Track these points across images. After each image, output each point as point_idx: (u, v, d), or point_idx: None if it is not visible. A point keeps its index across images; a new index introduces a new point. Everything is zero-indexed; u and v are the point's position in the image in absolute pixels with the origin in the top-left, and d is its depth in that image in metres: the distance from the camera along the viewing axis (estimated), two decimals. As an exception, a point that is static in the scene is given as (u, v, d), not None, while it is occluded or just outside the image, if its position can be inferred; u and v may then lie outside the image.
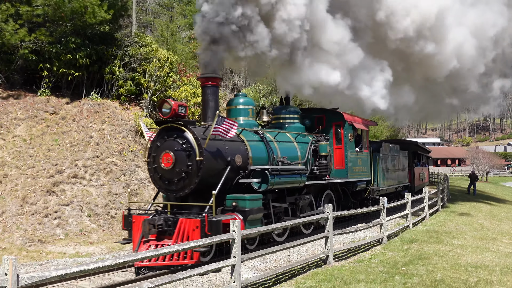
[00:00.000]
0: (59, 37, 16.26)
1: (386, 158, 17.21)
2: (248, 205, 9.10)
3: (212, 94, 10.46)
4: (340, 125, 14.12)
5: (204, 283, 7.49)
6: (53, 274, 4.42)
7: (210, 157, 9.23)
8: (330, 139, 14.04)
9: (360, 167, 14.60)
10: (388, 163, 17.52)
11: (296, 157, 12.00)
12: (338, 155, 13.92)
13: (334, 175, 13.49)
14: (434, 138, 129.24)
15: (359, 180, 14.52)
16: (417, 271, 8.53)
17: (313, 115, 14.61)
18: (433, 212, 18.07)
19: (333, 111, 14.45)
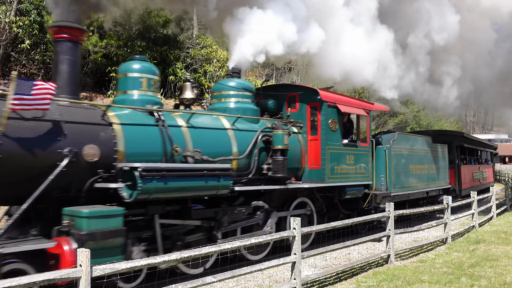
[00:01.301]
0: (126, 41, 17.06)
1: (403, 153, 13.15)
2: (85, 226, 5.66)
3: (66, 52, 7.03)
4: (317, 107, 10.37)
5: (264, 279, 7.64)
6: (123, 266, 4.71)
7: (16, 147, 5.83)
8: (304, 127, 10.44)
9: (351, 166, 10.87)
10: (409, 160, 13.47)
11: (228, 152, 8.40)
12: (313, 149, 10.27)
13: (307, 177, 10.16)
14: (501, 135, 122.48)
15: (347, 184, 10.61)
16: (484, 273, 8.24)
17: (283, 93, 10.77)
18: (501, 212, 17.28)
19: (307, 88, 10.88)
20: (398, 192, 12.63)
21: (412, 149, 13.83)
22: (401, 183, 12.79)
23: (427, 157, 14.84)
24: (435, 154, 15.47)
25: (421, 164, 14.29)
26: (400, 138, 13.28)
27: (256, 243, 6.23)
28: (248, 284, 7.36)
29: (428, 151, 14.92)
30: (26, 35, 15.54)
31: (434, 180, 15.29)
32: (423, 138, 14.97)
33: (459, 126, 51.93)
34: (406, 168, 13.23)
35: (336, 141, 10.53)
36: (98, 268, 4.43)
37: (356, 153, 11.16)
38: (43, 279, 3.99)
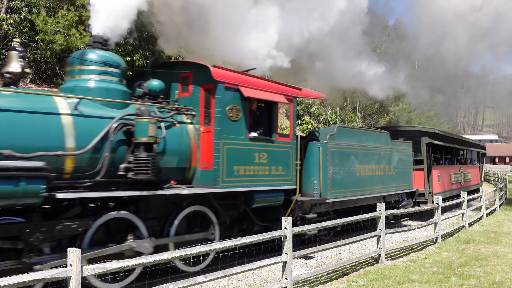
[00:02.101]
0: (117, 39, 16.97)
1: (346, 151, 10.81)
2: None
3: None
4: (211, 90, 8.12)
5: (256, 279, 7.65)
6: (114, 265, 4.70)
7: None
8: (197, 116, 8.23)
9: (263, 166, 8.63)
10: (356, 159, 11.13)
11: (56, 145, 6.21)
12: (205, 144, 8.01)
13: (199, 180, 8.02)
14: (491, 135, 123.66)
15: (255, 189, 8.48)
16: (474, 272, 8.31)
17: (175, 72, 8.75)
18: (490, 212, 17.44)
19: (200, 65, 8.29)
20: (338, 197, 10.35)
21: (361, 146, 11.39)
22: (342, 187, 10.51)
23: (384, 156, 12.40)
24: (396, 152, 13.06)
25: (374, 164, 11.92)
26: (342, 133, 10.83)
27: (247, 242, 6.23)
28: (239, 283, 7.37)
29: (385, 149, 12.51)
30: (16, 32, 15.42)
31: (393, 183, 12.79)
32: (377, 134, 12.57)
33: (450, 126, 52.47)
34: (350, 168, 10.85)
35: (238, 133, 8.18)
36: (88, 267, 4.41)
37: (270, 150, 8.81)
38: (33, 278, 3.96)
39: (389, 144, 12.79)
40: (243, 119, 8.36)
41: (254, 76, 9.23)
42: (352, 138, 11.23)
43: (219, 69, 8.16)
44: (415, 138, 15.65)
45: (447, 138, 19.19)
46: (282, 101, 9.18)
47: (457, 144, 20.80)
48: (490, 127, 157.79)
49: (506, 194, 23.81)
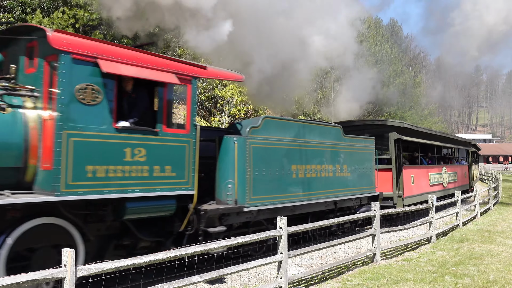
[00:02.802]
0: (112, 38, 16.92)
1: (275, 147, 8.95)
2: None
3: None
4: (54, 63, 6.17)
5: (251, 278, 7.65)
6: (109, 266, 4.68)
7: None
8: (40, 96, 6.33)
9: (141, 166, 6.70)
10: (291, 158, 9.35)
11: None
12: (47, 135, 6.14)
13: (40, 183, 6.13)
14: (485, 135, 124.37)
15: (126, 196, 6.55)
16: (468, 271, 8.35)
17: (20, 40, 6.70)
18: (484, 211, 17.52)
19: (40, 31, 6.29)
20: (264, 205, 8.54)
21: (299, 142, 9.56)
22: (271, 192, 8.73)
23: (334, 155, 10.67)
24: (352, 150, 11.37)
25: (319, 163, 10.17)
26: (271, 126, 8.86)
27: (243, 242, 6.23)
28: (235, 283, 7.37)
29: (335, 145, 10.72)
30: (10, 32, 15.33)
31: (348, 186, 11.16)
32: (324, 128, 10.69)
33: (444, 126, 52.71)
34: (283, 169, 9.07)
35: (96, 122, 6.23)
36: (83, 268, 4.39)
37: (152, 145, 6.88)
38: (27, 279, 3.94)
39: (342, 140, 11.01)
40: (105, 103, 6.32)
41: (131, 48, 7.15)
42: (286, 132, 9.27)
43: (65, 34, 6.19)
44: (383, 134, 14.38)
45: (423, 134, 17.24)
46: (172, 81, 7.12)
47: (438, 141, 18.70)
48: (484, 126, 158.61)
49: (500, 193, 23.95)
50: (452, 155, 22.03)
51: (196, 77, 7.65)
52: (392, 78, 39.36)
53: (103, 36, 16.70)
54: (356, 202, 11.82)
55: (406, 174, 14.73)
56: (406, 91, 41.14)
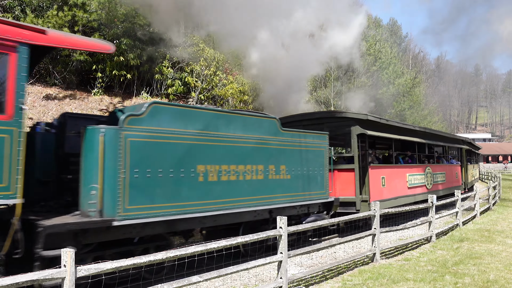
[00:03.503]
0: (111, 39, 16.91)
1: (169, 144, 7.06)
2: None
3: None
4: None
5: (251, 278, 7.65)
6: (108, 266, 4.67)
7: None
8: None
9: None
10: (197, 156, 7.50)
11: None
12: None
13: None
14: (484, 134, 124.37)
15: None
16: (468, 271, 8.34)
17: None
18: (484, 210, 17.52)
19: None
20: (148, 217, 6.66)
21: (209, 136, 7.71)
22: (161, 200, 6.84)
23: (266, 153, 8.90)
24: (294, 147, 9.70)
25: (242, 163, 8.35)
26: (161, 114, 6.95)
27: (243, 242, 6.23)
28: (235, 283, 7.36)
29: (268, 141, 8.95)
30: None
31: (288, 191, 9.44)
32: (252, 119, 8.74)
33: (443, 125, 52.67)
34: (182, 170, 7.20)
35: None
36: (82, 268, 4.39)
37: None
38: (26, 279, 3.93)
39: (278, 135, 9.22)
40: None
41: None
42: (189, 123, 7.38)
43: None
44: (344, 128, 12.55)
45: (395, 129, 14.94)
46: None
47: (420, 137, 16.77)
48: (484, 126, 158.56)
49: (500, 193, 23.94)
50: (444, 153, 20.54)
51: (24, 43, 5.54)
52: (392, 79, 39.35)
53: (102, 37, 16.69)
54: (302, 210, 9.95)
55: (375, 175, 12.75)
56: (406, 91, 41.11)
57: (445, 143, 19.93)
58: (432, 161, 18.27)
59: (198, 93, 18.47)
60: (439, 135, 19.84)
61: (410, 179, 15.12)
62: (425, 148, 17.52)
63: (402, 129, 15.47)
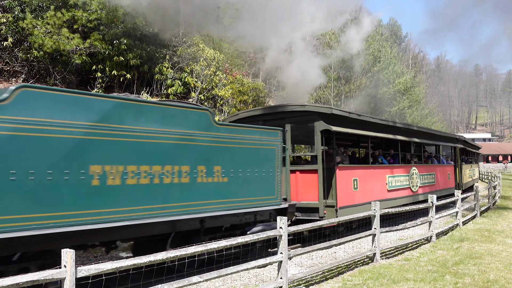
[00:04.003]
0: (111, 39, 16.91)
1: (54, 139, 5.73)
2: None
3: None
4: None
5: (251, 278, 7.65)
6: (109, 266, 4.67)
7: None
8: None
9: None
10: (87, 156, 6.08)
11: None
12: None
13: None
14: (484, 134, 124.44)
15: None
16: (468, 271, 8.34)
17: None
18: (484, 210, 17.52)
19: None
20: (10, 230, 5.24)
21: (109, 129, 6.36)
22: (32, 209, 5.47)
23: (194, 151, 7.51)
24: (235, 145, 8.35)
25: (158, 164, 6.98)
26: (34, 101, 5.58)
27: (243, 242, 6.23)
28: (235, 283, 7.36)
29: (197, 138, 7.57)
30: (9, 32, 15.32)
31: (228, 197, 8.09)
32: (172, 110, 7.29)
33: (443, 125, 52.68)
34: (66, 172, 5.83)
35: None
36: (83, 268, 4.39)
37: None
38: (26, 280, 3.93)
39: (211, 130, 7.83)
40: None
41: None
42: (78, 112, 6.01)
43: None
44: (307, 124, 11.22)
45: (369, 125, 13.25)
46: None
47: (405, 135, 15.29)
48: (484, 125, 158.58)
49: (500, 192, 23.95)
50: (436, 153, 19.31)
51: None
52: (392, 79, 39.35)
53: (101, 37, 16.68)
54: (247, 218, 8.64)
55: (344, 177, 11.33)
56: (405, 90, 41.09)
57: (435, 141, 18.52)
58: (419, 161, 17.09)
59: (198, 93, 18.46)
60: (428, 133, 18.40)
61: (391, 181, 13.70)
62: (411, 147, 16.31)
63: (380, 126, 13.90)
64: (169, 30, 18.87)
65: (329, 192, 10.93)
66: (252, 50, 23.29)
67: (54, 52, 15.52)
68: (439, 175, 18.08)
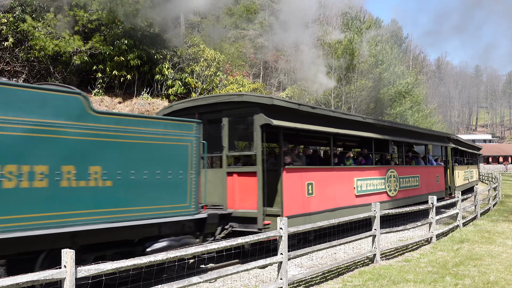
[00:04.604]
0: (112, 39, 16.92)
1: None
2: None
3: None
4: None
5: (251, 279, 7.64)
6: (108, 266, 4.67)
7: None
8: None
9: None
10: None
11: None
12: None
13: None
14: (485, 135, 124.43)
15: None
16: (468, 272, 8.34)
17: None
18: (484, 211, 17.51)
19: None
20: None
21: None
22: None
23: (59, 146, 5.86)
24: (124, 140, 6.65)
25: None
26: None
27: (243, 243, 6.22)
28: (235, 284, 7.36)
29: (62, 129, 5.93)
30: (10, 32, 15.33)
31: (114, 205, 6.45)
32: (19, 92, 5.57)
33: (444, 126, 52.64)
34: None
35: None
36: (83, 268, 4.38)
37: None
38: (26, 280, 3.93)
39: (87, 120, 6.20)
40: None
41: None
42: None
43: None
44: (245, 117, 9.47)
45: (336, 121, 11.41)
46: None
47: (379, 133, 13.39)
48: (484, 127, 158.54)
49: (500, 194, 23.92)
50: (426, 153, 17.84)
51: None
52: (392, 79, 39.35)
53: (103, 38, 16.69)
54: (147, 232, 7.01)
55: (294, 181, 9.54)
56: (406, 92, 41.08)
57: (420, 140, 16.61)
58: (401, 162, 15.58)
59: (198, 94, 18.47)
60: (411, 131, 16.35)
61: (360, 185, 11.99)
62: (388, 146, 14.53)
63: (347, 122, 11.92)
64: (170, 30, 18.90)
65: (274, 199, 9.26)
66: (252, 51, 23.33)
67: (55, 54, 15.54)
68: (425, 178, 16.33)
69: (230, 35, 32.58)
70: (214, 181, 9.43)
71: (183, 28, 24.03)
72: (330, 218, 9.39)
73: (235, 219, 9.02)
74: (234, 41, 30.77)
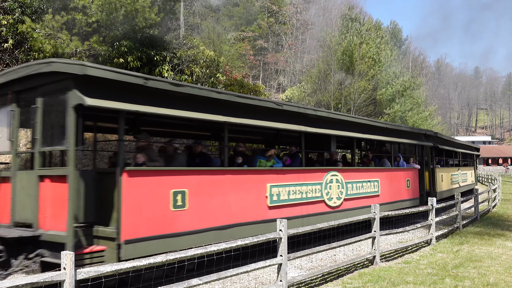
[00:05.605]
0: (111, 41, 16.92)
1: None
2: None
3: None
4: None
5: (250, 281, 7.63)
6: (108, 268, 4.67)
7: None
8: None
9: None
10: None
11: None
12: None
13: None
14: (484, 137, 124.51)
15: None
16: (468, 273, 8.33)
17: None
18: (484, 213, 17.51)
19: None
20: None
21: None
22: None
23: None
24: None
25: None
26: None
27: (243, 245, 6.22)
28: (234, 286, 7.35)
29: None
30: (9, 34, 15.32)
31: None
32: None
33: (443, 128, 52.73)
34: None
35: None
36: (82, 271, 4.38)
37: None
38: (26, 282, 3.93)
39: None
40: None
41: None
42: None
43: None
44: (59, 95, 6.59)
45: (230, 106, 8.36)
46: None
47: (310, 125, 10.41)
48: (484, 128, 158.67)
49: (500, 195, 23.93)
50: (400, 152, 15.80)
51: None
52: (390, 80, 39.35)
53: (102, 39, 16.69)
54: None
55: (149, 188, 6.80)
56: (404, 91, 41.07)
57: (380, 136, 13.47)
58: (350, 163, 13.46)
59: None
60: (364, 124, 12.97)
61: (275, 193, 9.23)
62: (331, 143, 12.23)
63: (236, 106, 8.58)
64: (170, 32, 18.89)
65: (110, 214, 6.55)
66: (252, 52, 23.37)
67: (54, 55, 15.52)
68: (388, 183, 13.46)
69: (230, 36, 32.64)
70: (28, 188, 6.86)
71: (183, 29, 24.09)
72: (219, 237, 7.62)
73: (47, 244, 6.35)
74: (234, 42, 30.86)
